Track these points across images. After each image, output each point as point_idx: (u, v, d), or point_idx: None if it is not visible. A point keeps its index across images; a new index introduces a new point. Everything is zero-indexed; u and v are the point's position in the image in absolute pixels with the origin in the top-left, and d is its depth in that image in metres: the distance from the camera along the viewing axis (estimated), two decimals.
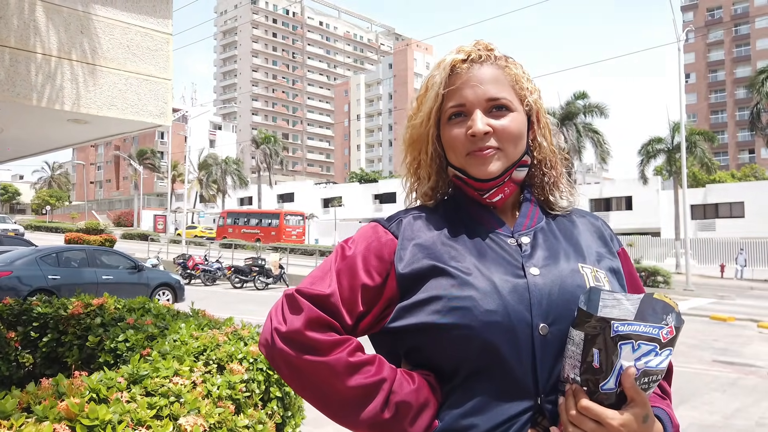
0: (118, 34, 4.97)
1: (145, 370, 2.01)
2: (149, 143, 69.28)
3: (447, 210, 1.11)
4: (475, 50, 1.07)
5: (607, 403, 0.86)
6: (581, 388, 0.87)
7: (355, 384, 0.91)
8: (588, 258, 1.04)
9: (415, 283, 0.98)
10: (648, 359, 0.86)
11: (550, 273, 0.98)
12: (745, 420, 5.61)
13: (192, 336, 2.87)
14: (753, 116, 28.92)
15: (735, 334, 11.69)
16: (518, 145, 1.06)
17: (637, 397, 0.86)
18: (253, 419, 2.07)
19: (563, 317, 0.94)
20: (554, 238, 1.06)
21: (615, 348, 0.85)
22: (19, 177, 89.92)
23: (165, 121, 5.28)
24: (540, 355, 0.92)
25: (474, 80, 1.04)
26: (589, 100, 33.03)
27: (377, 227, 1.07)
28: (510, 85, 1.07)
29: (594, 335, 0.86)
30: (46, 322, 3.88)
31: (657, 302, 0.88)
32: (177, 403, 1.86)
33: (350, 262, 1.01)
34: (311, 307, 0.95)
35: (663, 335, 0.86)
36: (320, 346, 0.92)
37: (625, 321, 0.85)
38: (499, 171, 1.04)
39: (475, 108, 1.03)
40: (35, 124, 5.47)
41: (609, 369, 0.85)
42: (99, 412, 1.59)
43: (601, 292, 0.90)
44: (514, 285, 0.96)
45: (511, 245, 1.03)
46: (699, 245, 34.00)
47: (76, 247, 12.75)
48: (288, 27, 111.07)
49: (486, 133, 1.02)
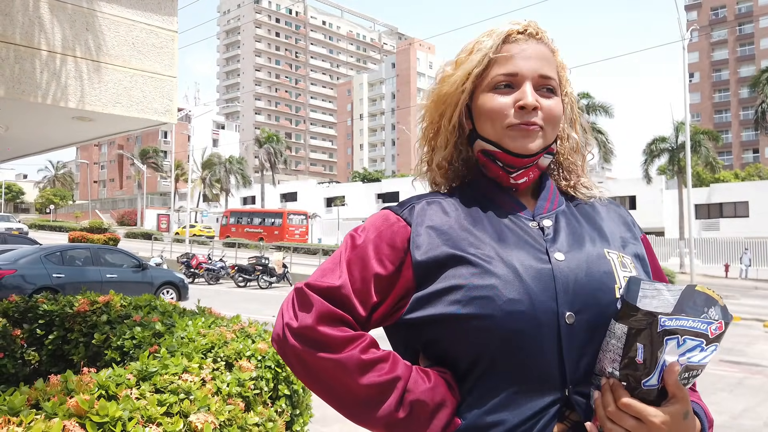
0: (124, 31, 4.95)
1: (154, 366, 2.00)
2: (152, 142, 69.38)
3: (463, 194, 1.06)
4: (532, 25, 1.05)
5: (647, 399, 0.83)
6: (620, 383, 0.84)
7: (368, 382, 0.88)
8: (613, 243, 1.00)
9: (432, 272, 0.94)
10: (692, 354, 0.82)
11: (575, 258, 0.94)
12: (752, 420, 5.57)
13: (199, 333, 2.85)
14: (757, 115, 28.82)
15: (740, 333, 11.64)
16: (556, 129, 1.03)
17: (679, 393, 0.82)
18: (263, 417, 2.04)
19: (590, 305, 0.90)
20: (577, 222, 1.03)
21: (661, 343, 0.81)
22: (23, 176, 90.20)
23: (170, 118, 5.26)
24: (567, 345, 0.88)
25: (529, 53, 1.01)
26: (592, 99, 32.94)
27: (388, 214, 1.02)
28: (557, 70, 1.05)
29: (639, 329, 0.82)
30: (52, 320, 3.87)
31: (699, 294, 0.84)
32: (187, 400, 1.84)
33: (361, 252, 0.97)
34: (321, 301, 0.91)
35: (711, 331, 0.82)
36: (332, 343, 0.89)
37: (673, 316, 0.81)
38: (538, 149, 1.00)
39: (527, 80, 0.99)
40: (40, 121, 5.46)
41: (653, 365, 0.81)
42: (109, 408, 1.57)
43: (642, 282, 0.85)
44: (538, 271, 0.91)
45: (533, 228, 0.98)
46: (703, 245, 33.89)
47: (80, 246, 12.76)
48: (291, 26, 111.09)
49: (535, 108, 0.98)
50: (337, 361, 0.88)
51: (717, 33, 74.84)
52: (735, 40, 74.17)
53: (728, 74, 74.34)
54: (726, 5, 74.65)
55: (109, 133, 6.08)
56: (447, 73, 1.06)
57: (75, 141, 6.58)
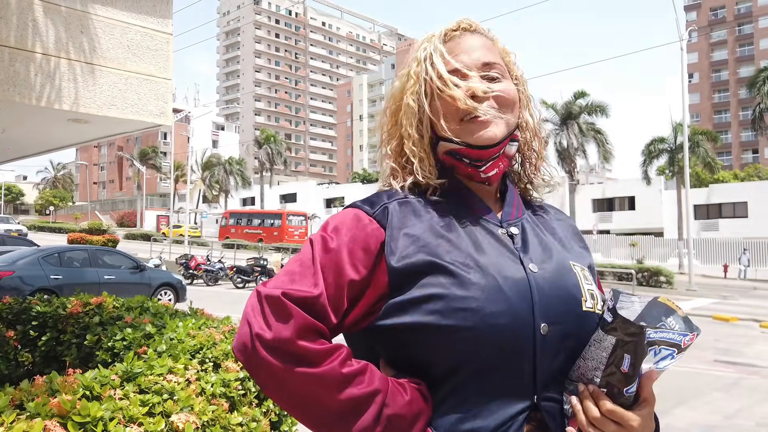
0: (118, 34, 4.97)
1: (140, 367, 2.01)
2: (152, 143, 69.40)
3: (433, 195, 1.03)
4: (464, 21, 1.07)
5: (625, 404, 0.88)
6: (600, 390, 0.88)
7: (346, 396, 0.84)
8: (573, 255, 1.04)
9: (409, 279, 0.91)
10: (665, 363, 0.88)
11: (548, 270, 0.96)
12: (746, 420, 5.59)
13: (189, 335, 2.87)
14: (755, 116, 28.83)
15: (738, 334, 11.65)
16: (513, 112, 1.02)
17: (651, 397, 0.89)
18: (247, 417, 2.06)
19: (562, 316, 0.92)
20: (541, 232, 1.04)
21: (644, 353, 0.86)
22: (23, 177, 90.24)
23: (165, 120, 5.28)
24: (540, 356, 0.90)
25: (468, 45, 1.02)
26: (590, 99, 32.97)
27: (360, 214, 0.97)
28: (501, 56, 1.05)
29: (628, 342, 0.86)
30: (45, 321, 3.89)
31: (660, 305, 0.89)
32: (170, 400, 1.86)
33: (335, 257, 0.92)
34: (301, 313, 0.85)
35: (685, 342, 0.87)
36: (312, 357, 0.84)
37: (658, 329, 0.86)
38: (502, 135, 0.99)
39: (472, 71, 1.00)
40: (35, 123, 5.48)
41: (635, 374, 0.87)
42: (91, 408, 1.59)
43: (621, 294, 0.90)
44: (516, 283, 0.91)
45: (503, 236, 0.98)
46: (702, 245, 33.91)
47: (78, 247, 12.78)
48: (291, 27, 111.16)
49: (485, 93, 0.97)
50: (315, 376, 0.84)
51: (716, 33, 74.87)
52: (734, 41, 74.20)
53: (728, 75, 74.36)
54: (725, 6, 74.69)
55: (104, 135, 6.10)
56: (397, 85, 1.07)
57: (71, 143, 6.60)
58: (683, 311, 0.90)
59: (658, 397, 0.92)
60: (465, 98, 0.97)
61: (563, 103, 33.32)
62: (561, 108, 33.23)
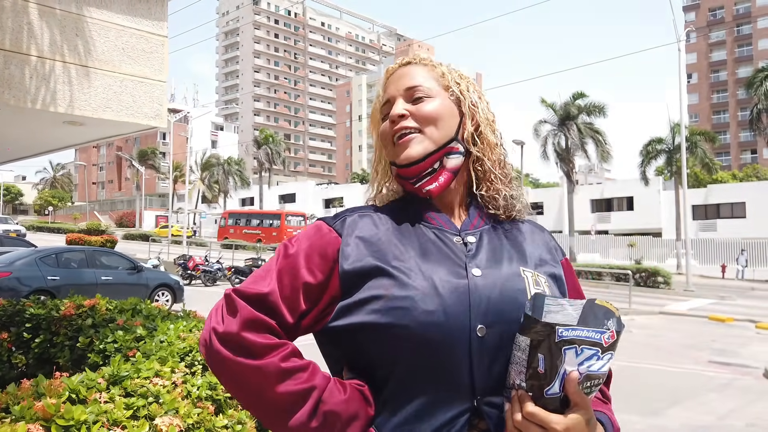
0: (113, 37, 4.99)
1: (126, 371, 2.04)
2: (151, 144, 69.38)
3: (394, 208, 1.11)
4: (407, 59, 1.16)
5: (551, 407, 0.87)
6: (527, 393, 0.89)
7: (284, 390, 0.90)
8: (530, 262, 1.06)
9: (357, 282, 0.98)
10: (590, 363, 0.87)
11: (492, 275, 0.99)
12: (738, 420, 5.61)
13: (179, 337, 2.89)
14: (753, 116, 28.88)
15: (733, 334, 11.68)
16: (440, 127, 1.07)
17: (581, 401, 0.87)
18: (233, 419, 2.09)
19: (502, 319, 0.94)
20: (499, 241, 1.08)
21: (560, 353, 0.86)
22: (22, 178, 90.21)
23: (160, 123, 5.30)
24: (477, 357, 0.93)
25: (397, 76, 1.12)
26: (588, 99, 32.98)
27: (321, 225, 1.07)
28: (433, 78, 1.11)
29: (539, 341, 0.87)
30: (38, 323, 3.91)
31: (599, 308, 0.90)
32: (155, 403, 1.88)
33: (292, 261, 1.00)
34: (247, 307, 0.93)
35: (605, 339, 0.88)
36: (254, 349, 0.91)
37: (569, 326, 0.87)
38: (420, 154, 1.05)
39: (397, 98, 1.09)
40: (31, 126, 5.50)
41: (553, 374, 0.87)
42: (74, 412, 1.62)
43: (546, 298, 0.91)
44: (454, 285, 0.96)
45: (457, 244, 1.03)
46: (700, 246, 33.94)
47: (75, 248, 12.79)
48: (290, 28, 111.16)
49: (402, 116, 1.06)
50: (257, 367, 0.90)
51: (715, 34, 74.92)
52: (733, 41, 74.25)
53: (726, 75, 74.41)
54: (724, 6, 74.74)
55: (99, 137, 6.13)
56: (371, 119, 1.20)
57: (66, 145, 6.62)
58: (618, 311, 0.91)
59: (651, 397, 0.94)
60: (389, 127, 1.08)
61: (562, 104, 33.33)
62: (559, 108, 33.25)
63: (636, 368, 8.01)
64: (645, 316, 14.61)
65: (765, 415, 5.86)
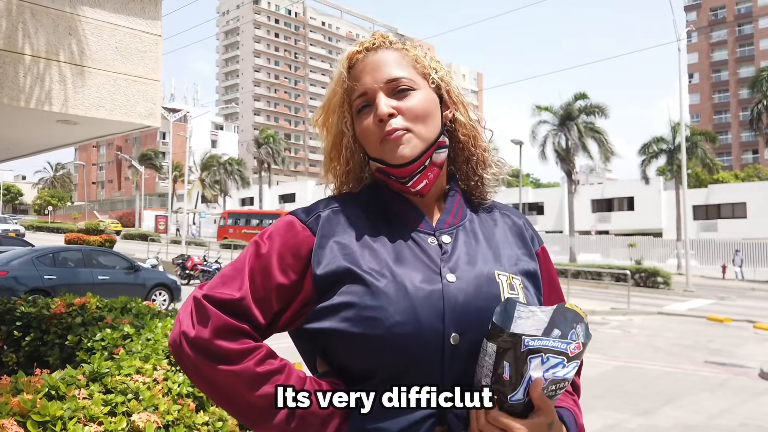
0: (107, 36, 5.00)
1: (107, 367, 2.05)
2: (151, 143, 69.45)
3: (370, 203, 1.07)
4: (370, 41, 1.07)
5: (515, 412, 0.89)
6: (492, 397, 0.89)
7: (261, 393, 0.91)
8: (505, 263, 1.04)
9: (331, 286, 0.96)
10: (555, 370, 0.89)
11: (466, 280, 0.97)
12: (729, 420, 5.61)
13: (166, 335, 2.90)
14: (753, 116, 28.85)
15: (731, 335, 11.68)
16: (429, 124, 1.03)
17: (544, 406, 0.88)
18: (214, 416, 2.09)
19: (475, 326, 0.93)
20: (474, 240, 1.05)
21: (525, 362, 0.87)
22: (22, 177, 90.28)
23: (154, 122, 5.31)
24: (448, 364, 0.93)
25: (370, 66, 1.04)
26: (589, 100, 32.95)
27: (294, 222, 1.03)
28: (410, 65, 1.05)
29: (506, 349, 0.88)
30: (29, 322, 3.92)
31: (569, 311, 0.91)
32: (134, 400, 1.89)
33: (265, 261, 0.98)
34: (218, 314, 0.92)
35: (571, 350, 0.89)
36: (228, 355, 0.91)
37: (535, 336, 0.88)
38: (414, 154, 1.01)
39: (377, 92, 1.02)
40: (25, 125, 5.51)
41: (518, 381, 0.88)
42: (51, 408, 1.62)
43: (517, 305, 0.91)
44: (428, 293, 0.94)
45: (431, 245, 1.01)
46: (701, 246, 33.91)
47: (72, 248, 12.81)
48: (290, 27, 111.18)
49: (390, 115, 1.00)
50: (233, 373, 0.91)
51: (717, 34, 74.84)
52: (734, 41, 74.18)
53: (728, 75, 74.33)
54: (725, 6, 74.66)
55: (93, 136, 6.14)
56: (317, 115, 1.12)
57: (61, 144, 6.63)
58: (587, 317, 0.92)
59: (645, 397, 0.94)
60: (374, 125, 1.01)
61: (562, 104, 33.32)
62: (560, 108, 33.22)
63: (632, 368, 8.02)
64: (644, 316, 14.61)
65: (757, 415, 5.86)
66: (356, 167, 1.10)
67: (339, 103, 1.07)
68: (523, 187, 37.15)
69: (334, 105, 1.08)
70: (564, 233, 37.50)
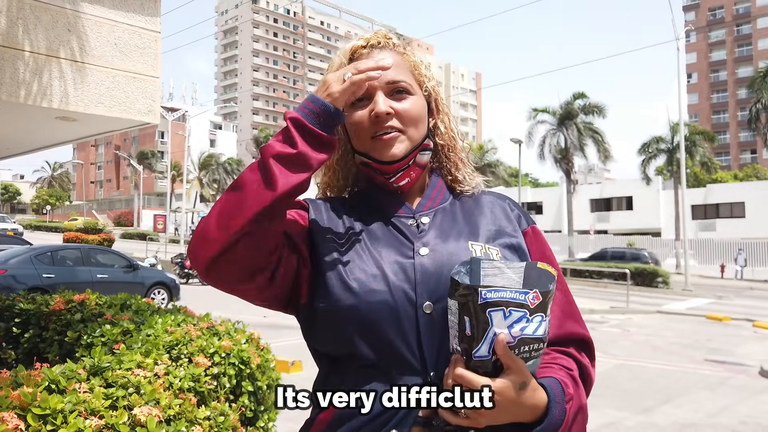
0: (106, 32, 4.98)
1: (108, 362, 2.03)
2: (149, 143, 69.37)
3: (352, 198, 1.16)
4: (374, 38, 1.12)
5: (482, 371, 0.86)
6: (461, 357, 0.88)
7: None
8: (481, 236, 1.06)
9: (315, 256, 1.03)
10: (522, 326, 0.85)
11: (438, 252, 1.01)
12: (729, 418, 5.61)
13: (167, 331, 2.88)
14: (752, 116, 28.88)
15: (730, 333, 11.69)
16: (419, 127, 1.09)
17: (513, 364, 0.85)
18: (215, 411, 2.08)
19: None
20: (452, 218, 1.09)
21: (484, 315, 0.85)
22: (20, 176, 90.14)
23: (153, 119, 5.29)
24: (425, 334, 0.94)
25: None
26: (588, 100, 32.99)
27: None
28: (409, 70, 1.11)
29: (464, 303, 0.86)
30: (28, 318, 3.90)
31: (541, 271, 0.89)
32: (135, 394, 1.88)
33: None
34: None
35: (530, 300, 0.86)
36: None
37: (492, 287, 0.85)
38: (403, 153, 1.06)
39: (377, 90, 1.06)
40: (23, 121, 5.49)
41: (480, 336, 0.85)
42: (51, 401, 1.61)
43: (482, 261, 0.88)
44: (401, 265, 0.99)
45: (410, 226, 1.06)
46: (699, 245, 33.95)
47: (71, 246, 12.79)
48: (289, 26, 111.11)
49: (388, 114, 1.05)
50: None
51: (715, 33, 74.95)
52: (733, 41, 74.29)
53: (726, 75, 74.44)
54: (724, 6, 74.77)
55: (92, 133, 6.12)
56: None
57: (60, 141, 6.61)
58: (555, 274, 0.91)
59: (644, 395, 0.91)
60: (368, 120, 1.06)
61: (561, 104, 33.35)
62: (559, 108, 33.26)
63: (632, 366, 8.02)
64: (643, 315, 14.62)
65: (757, 413, 5.86)
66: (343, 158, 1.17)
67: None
68: (521, 187, 37.16)
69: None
70: (563, 233, 37.53)
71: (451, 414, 0.88)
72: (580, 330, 1.05)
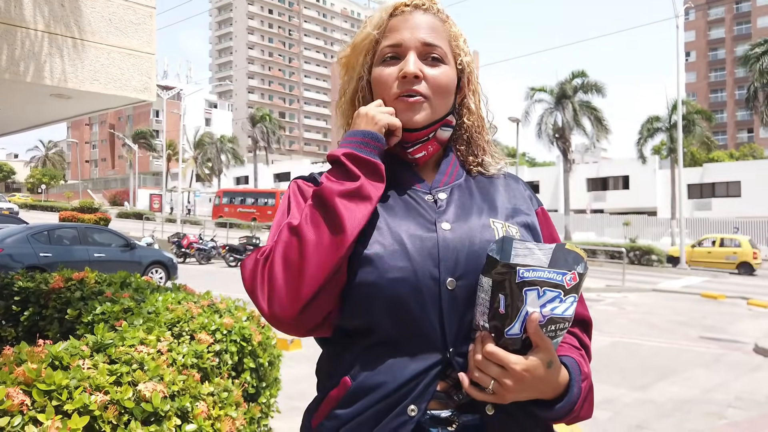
0: (101, 8, 4.90)
1: (111, 338, 2.03)
2: (144, 121, 68.83)
3: None
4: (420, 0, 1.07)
5: (512, 348, 0.88)
6: (489, 334, 0.89)
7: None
8: (501, 213, 1.05)
9: None
10: (553, 306, 0.87)
11: (461, 228, 0.98)
12: (724, 394, 5.68)
13: (168, 308, 2.88)
14: (749, 95, 28.77)
15: (725, 311, 11.80)
16: (446, 99, 1.05)
17: (542, 343, 0.87)
18: (219, 387, 2.09)
19: (472, 272, 0.94)
20: (470, 195, 1.07)
21: (520, 294, 0.86)
22: (14, 156, 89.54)
23: (149, 96, 5.23)
24: (447, 310, 0.93)
25: (413, 23, 1.04)
26: (587, 78, 32.78)
27: (299, 183, 1.09)
28: (447, 39, 1.07)
29: (500, 281, 0.87)
30: (27, 296, 3.89)
31: (569, 252, 0.90)
32: (139, 370, 1.87)
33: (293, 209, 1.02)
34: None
35: (567, 281, 0.87)
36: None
37: (530, 267, 0.86)
38: (425, 122, 1.03)
39: (410, 50, 1.02)
40: (18, 99, 5.42)
41: (514, 314, 0.86)
42: (56, 377, 1.61)
43: (514, 242, 0.90)
44: (422, 239, 0.96)
45: (428, 201, 1.03)
46: (695, 224, 34.07)
47: (67, 225, 12.75)
48: (284, 3, 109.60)
49: (416, 77, 1.01)
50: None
51: (714, 11, 74.30)
52: (732, 19, 73.69)
53: (725, 53, 73.99)
54: None
55: (88, 110, 6.05)
56: (344, 53, 1.10)
57: (55, 119, 6.54)
58: (586, 256, 0.91)
59: (640, 372, 0.92)
60: (395, 78, 1.02)
61: (558, 83, 33.14)
62: (557, 87, 33.06)
63: (628, 344, 8.10)
64: (638, 293, 14.73)
65: (751, 389, 5.93)
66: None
67: (369, 46, 1.06)
68: (519, 166, 37.11)
69: (364, 46, 1.07)
70: (559, 212, 37.57)
71: (476, 390, 0.88)
72: (584, 311, 1.07)
